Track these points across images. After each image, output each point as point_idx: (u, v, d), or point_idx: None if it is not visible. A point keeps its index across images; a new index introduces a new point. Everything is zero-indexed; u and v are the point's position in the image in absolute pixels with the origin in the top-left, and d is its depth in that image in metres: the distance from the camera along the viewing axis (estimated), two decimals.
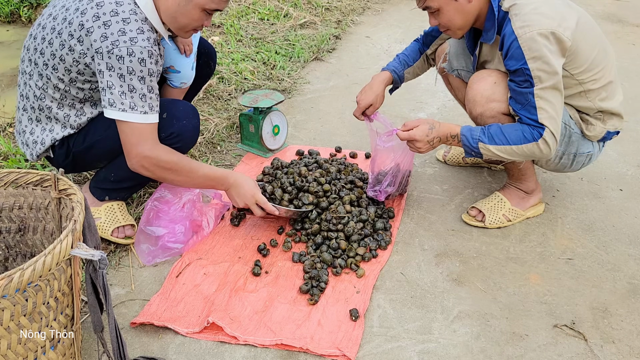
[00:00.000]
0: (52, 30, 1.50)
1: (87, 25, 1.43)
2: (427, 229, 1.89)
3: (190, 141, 1.72)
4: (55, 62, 1.51)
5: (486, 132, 1.64)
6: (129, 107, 1.46)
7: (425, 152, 1.73)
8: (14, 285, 0.98)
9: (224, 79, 2.97)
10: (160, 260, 1.70)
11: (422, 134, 1.67)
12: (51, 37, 1.50)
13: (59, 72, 1.52)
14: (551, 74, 1.52)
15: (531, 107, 1.57)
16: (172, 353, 1.40)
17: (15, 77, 3.45)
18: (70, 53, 1.48)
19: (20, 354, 1.07)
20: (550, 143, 1.58)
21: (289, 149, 2.38)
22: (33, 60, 1.56)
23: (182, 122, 1.66)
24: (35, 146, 1.64)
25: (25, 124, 1.65)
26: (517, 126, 1.62)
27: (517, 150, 1.62)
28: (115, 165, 1.71)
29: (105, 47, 1.42)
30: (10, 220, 1.39)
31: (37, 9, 4.24)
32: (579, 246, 1.82)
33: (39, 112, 1.61)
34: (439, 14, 1.65)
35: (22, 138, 1.68)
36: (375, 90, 1.99)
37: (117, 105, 1.45)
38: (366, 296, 1.57)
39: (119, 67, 1.43)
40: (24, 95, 1.63)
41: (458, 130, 1.68)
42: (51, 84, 1.55)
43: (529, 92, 1.55)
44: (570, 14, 1.57)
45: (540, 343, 1.45)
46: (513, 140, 1.61)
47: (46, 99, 1.58)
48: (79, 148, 1.65)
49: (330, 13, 4.21)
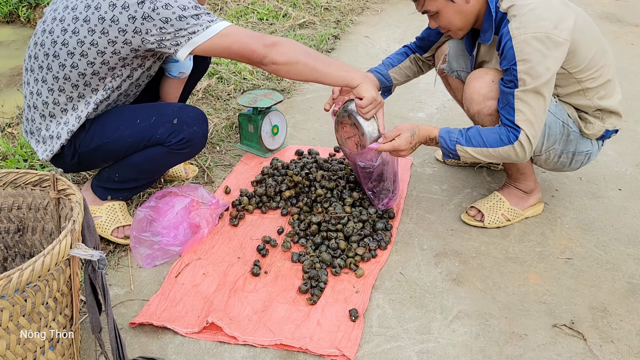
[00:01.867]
0: (74, 19, 1.50)
1: (119, 2, 1.45)
2: (426, 228, 1.89)
3: (199, 147, 1.73)
4: (84, 48, 1.50)
5: (464, 134, 1.65)
6: (209, 22, 1.49)
7: (406, 156, 1.74)
8: (12, 285, 0.97)
9: (223, 78, 2.97)
10: (160, 263, 1.70)
11: (405, 142, 1.68)
12: (75, 26, 1.50)
13: (89, 57, 1.51)
14: (536, 78, 1.52)
15: (510, 108, 1.58)
16: (172, 353, 1.40)
17: (15, 77, 3.44)
18: (103, 35, 1.48)
19: (20, 354, 1.07)
20: (526, 146, 1.59)
21: (288, 149, 2.38)
22: (51, 54, 1.54)
23: (193, 128, 1.66)
24: (52, 141, 1.63)
25: (39, 121, 1.64)
26: (495, 129, 1.63)
27: (494, 153, 1.63)
28: (120, 166, 1.70)
29: (148, 8, 1.44)
30: (9, 221, 1.39)
31: (36, 9, 4.24)
32: (578, 246, 1.82)
33: (53, 106, 1.59)
34: (438, 16, 1.66)
35: (37, 136, 1.66)
36: None
37: (200, 30, 1.48)
38: (365, 296, 1.57)
39: (173, 12, 1.45)
40: (34, 92, 1.61)
41: (436, 133, 1.69)
42: (75, 72, 1.54)
43: (510, 92, 1.56)
44: (568, 13, 1.57)
45: (539, 343, 1.45)
46: (490, 142, 1.62)
47: (65, 89, 1.56)
48: (86, 149, 1.64)
49: (329, 13, 4.21)
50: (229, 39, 1.50)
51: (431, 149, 2.37)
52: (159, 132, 1.63)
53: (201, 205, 1.84)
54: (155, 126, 1.63)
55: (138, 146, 1.65)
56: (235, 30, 1.52)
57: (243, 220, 1.91)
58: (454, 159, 1.72)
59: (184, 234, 1.73)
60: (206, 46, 1.49)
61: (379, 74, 2.02)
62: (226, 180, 2.14)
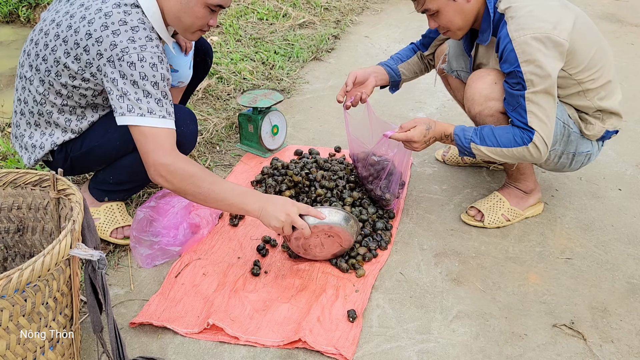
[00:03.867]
0: (55, 37, 1.48)
1: (95, 34, 1.41)
2: (426, 228, 1.89)
3: (189, 147, 1.72)
4: (59, 69, 1.49)
5: (478, 133, 1.65)
6: (147, 112, 1.42)
7: (420, 150, 1.73)
8: (12, 285, 0.97)
9: (222, 78, 2.97)
10: (160, 263, 1.70)
11: (419, 134, 1.68)
12: (55, 44, 1.48)
13: (62, 78, 1.50)
14: (543, 78, 1.52)
15: (522, 109, 1.58)
16: (171, 353, 1.40)
17: (15, 78, 3.45)
18: (75, 61, 1.46)
19: (19, 354, 1.07)
20: (541, 147, 1.59)
21: (288, 149, 2.38)
22: (34, 66, 1.54)
23: (181, 129, 1.63)
24: (34, 150, 1.63)
25: (24, 128, 1.64)
26: (508, 129, 1.63)
27: (508, 153, 1.62)
28: (113, 168, 1.70)
29: (116, 55, 1.40)
30: (9, 221, 1.39)
31: (36, 9, 4.24)
32: (578, 246, 1.82)
33: (38, 116, 1.60)
34: (438, 15, 1.65)
35: (21, 142, 1.66)
36: (368, 70, 1.97)
37: (135, 110, 1.41)
38: (365, 296, 1.57)
39: (131, 74, 1.41)
40: (22, 99, 1.62)
41: (452, 130, 1.69)
42: (53, 90, 1.53)
43: (520, 95, 1.56)
44: (567, 14, 1.57)
45: (539, 342, 1.45)
46: (504, 142, 1.62)
47: (47, 104, 1.56)
48: (77, 153, 1.64)
49: (329, 13, 4.21)
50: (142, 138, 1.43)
51: (431, 148, 2.37)
52: None
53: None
54: None
55: (127, 148, 1.63)
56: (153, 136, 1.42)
57: (243, 220, 1.91)
58: (470, 157, 1.71)
59: (183, 234, 1.73)
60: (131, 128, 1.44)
61: (389, 68, 2.02)
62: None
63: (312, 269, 1.67)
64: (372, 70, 1.98)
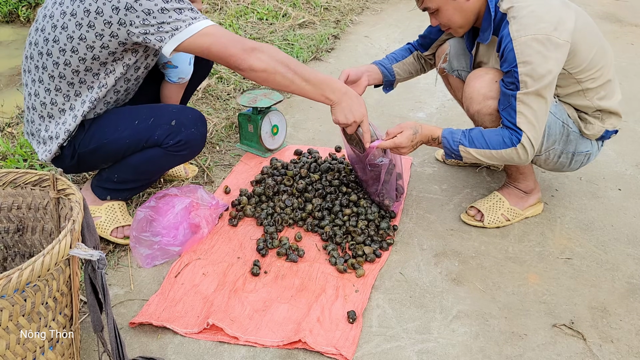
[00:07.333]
0: (62, 14, 1.48)
1: None
2: (426, 228, 1.89)
3: (198, 149, 1.73)
4: (74, 43, 1.48)
5: (467, 135, 1.65)
6: (192, 19, 1.44)
7: (407, 154, 1.75)
8: (12, 285, 0.97)
9: (222, 78, 2.97)
10: (159, 263, 1.70)
11: (407, 140, 1.68)
12: (63, 21, 1.48)
13: (80, 53, 1.50)
14: (537, 80, 1.52)
15: (512, 110, 1.58)
16: (171, 353, 1.40)
17: (15, 77, 3.44)
18: (90, 29, 1.46)
19: (19, 354, 1.07)
20: (528, 149, 1.59)
21: (288, 149, 2.38)
22: (44, 52, 1.53)
23: (191, 130, 1.65)
24: (51, 142, 1.62)
25: (39, 122, 1.63)
26: (497, 131, 1.63)
27: (496, 155, 1.63)
28: (119, 167, 1.70)
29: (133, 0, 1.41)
30: (8, 220, 1.39)
31: (36, 8, 4.24)
32: (578, 246, 1.82)
33: (51, 106, 1.59)
34: (438, 13, 1.66)
35: (38, 137, 1.66)
36: (361, 69, 1.96)
37: (182, 26, 1.43)
38: (365, 296, 1.57)
39: (155, 4, 1.42)
40: (32, 93, 1.61)
41: (439, 133, 1.69)
42: (69, 69, 1.53)
43: (511, 94, 1.56)
44: (568, 14, 1.57)
45: (539, 342, 1.45)
46: (493, 144, 1.62)
47: (61, 88, 1.56)
48: (85, 149, 1.64)
49: (329, 13, 4.21)
50: (209, 39, 1.46)
51: (431, 148, 2.37)
52: (156, 133, 1.63)
53: (201, 205, 1.84)
54: (153, 128, 1.63)
55: (136, 147, 1.64)
56: (217, 31, 1.47)
57: (243, 220, 1.91)
58: (457, 159, 1.71)
59: (183, 234, 1.73)
60: (188, 44, 1.46)
61: (383, 67, 2.02)
62: (226, 180, 2.14)
63: (311, 269, 1.67)
64: (365, 69, 1.98)
